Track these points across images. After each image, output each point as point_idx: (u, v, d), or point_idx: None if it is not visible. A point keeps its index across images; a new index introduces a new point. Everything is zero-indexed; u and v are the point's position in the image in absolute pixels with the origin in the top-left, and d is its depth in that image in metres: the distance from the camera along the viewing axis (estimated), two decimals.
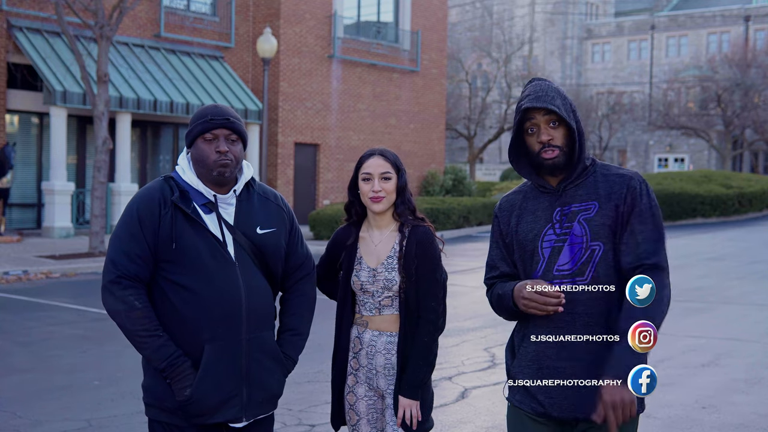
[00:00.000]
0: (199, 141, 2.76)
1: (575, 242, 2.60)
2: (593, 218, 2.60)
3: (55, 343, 8.02)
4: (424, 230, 3.04)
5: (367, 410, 3.10)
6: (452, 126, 37.04)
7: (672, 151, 46.19)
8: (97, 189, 14.66)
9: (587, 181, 2.66)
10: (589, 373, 2.55)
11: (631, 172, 2.66)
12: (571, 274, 2.59)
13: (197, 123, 2.76)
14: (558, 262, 2.61)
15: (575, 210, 2.63)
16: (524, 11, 54.08)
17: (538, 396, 2.64)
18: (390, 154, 3.07)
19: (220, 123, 2.74)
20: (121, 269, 2.66)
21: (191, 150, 2.80)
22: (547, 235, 2.64)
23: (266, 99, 18.93)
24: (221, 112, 2.76)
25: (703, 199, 23.23)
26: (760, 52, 41.52)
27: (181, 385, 2.66)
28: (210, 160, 2.73)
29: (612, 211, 2.59)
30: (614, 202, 2.60)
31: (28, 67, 17.90)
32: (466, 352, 7.48)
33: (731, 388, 6.39)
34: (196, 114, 2.81)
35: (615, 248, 2.60)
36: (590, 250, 2.59)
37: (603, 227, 2.59)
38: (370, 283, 3.03)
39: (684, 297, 10.78)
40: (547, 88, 2.64)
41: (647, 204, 2.60)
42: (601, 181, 2.65)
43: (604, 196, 2.61)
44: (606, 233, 2.59)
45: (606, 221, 2.59)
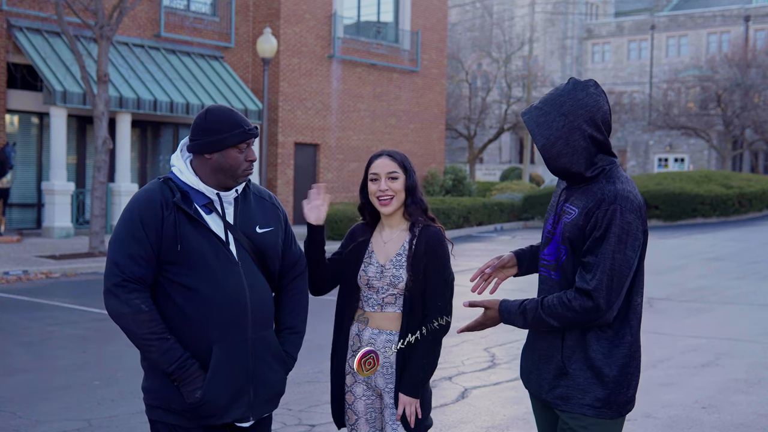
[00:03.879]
0: (232, 150, 2.74)
1: (555, 240, 2.74)
2: (568, 224, 2.67)
3: (55, 343, 8.02)
4: (434, 230, 3.06)
5: (365, 409, 3.10)
6: (452, 126, 37.04)
7: (672, 151, 46.19)
8: (97, 189, 14.66)
9: (586, 187, 2.68)
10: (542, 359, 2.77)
11: (611, 194, 2.58)
12: (548, 266, 2.78)
13: (232, 132, 2.72)
14: (544, 251, 2.80)
15: (565, 210, 2.72)
16: (524, 11, 54.04)
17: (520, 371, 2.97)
18: (398, 155, 3.10)
19: (255, 133, 2.78)
20: (126, 272, 2.64)
21: (215, 156, 2.74)
22: (548, 223, 2.81)
23: (266, 99, 18.94)
24: (248, 121, 2.79)
25: (703, 199, 23.22)
26: (760, 52, 41.53)
27: (191, 387, 2.66)
28: (241, 169, 2.76)
29: (582, 222, 2.63)
30: (586, 216, 2.63)
31: (28, 67, 17.90)
32: (466, 352, 7.49)
33: (731, 388, 6.38)
34: (221, 120, 2.73)
35: (577, 258, 2.67)
36: (560, 251, 2.70)
37: (572, 234, 2.66)
38: (377, 279, 3.05)
39: (684, 297, 10.79)
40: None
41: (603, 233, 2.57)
42: (591, 191, 2.66)
43: (583, 207, 2.64)
44: (571, 239, 2.66)
45: (574, 230, 2.65)
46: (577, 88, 2.65)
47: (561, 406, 2.69)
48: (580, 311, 2.58)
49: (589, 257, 2.59)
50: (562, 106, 2.63)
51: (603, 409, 2.65)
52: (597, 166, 2.66)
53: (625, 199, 2.58)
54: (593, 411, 2.65)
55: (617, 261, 2.55)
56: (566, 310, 2.61)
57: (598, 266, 2.56)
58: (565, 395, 2.68)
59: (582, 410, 2.65)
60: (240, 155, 2.75)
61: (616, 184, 2.62)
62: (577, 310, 2.58)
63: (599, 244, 2.57)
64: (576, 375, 2.66)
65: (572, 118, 2.61)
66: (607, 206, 2.57)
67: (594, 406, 2.65)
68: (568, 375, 2.68)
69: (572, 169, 2.65)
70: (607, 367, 2.64)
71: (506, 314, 2.77)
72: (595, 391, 2.64)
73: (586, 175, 2.66)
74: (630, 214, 2.57)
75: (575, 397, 2.66)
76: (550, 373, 2.72)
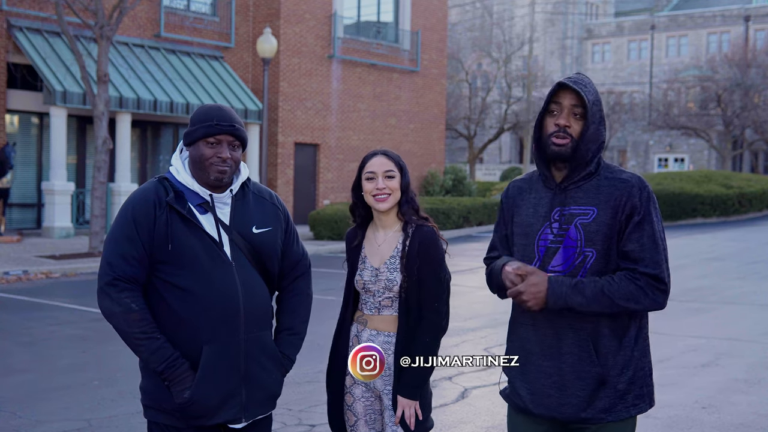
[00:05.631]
0: (200, 143, 2.73)
1: (570, 245, 2.59)
2: (590, 224, 2.57)
3: (55, 343, 8.02)
4: (427, 230, 3.04)
5: (364, 411, 3.08)
6: (452, 126, 37.05)
7: (672, 151, 46.20)
8: (97, 189, 14.67)
9: (590, 183, 2.62)
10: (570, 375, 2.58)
11: (634, 178, 2.59)
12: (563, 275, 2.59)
13: (201, 125, 2.72)
14: (552, 262, 2.61)
15: (574, 212, 2.60)
16: (524, 11, 54.04)
17: (520, 391, 2.70)
18: (392, 154, 3.10)
19: (225, 129, 2.72)
20: (117, 271, 2.64)
21: (190, 150, 2.77)
22: (544, 233, 2.64)
23: (266, 99, 18.93)
24: (226, 117, 2.73)
25: (703, 199, 23.22)
26: (760, 52, 41.52)
27: (180, 387, 2.65)
28: (210, 163, 2.71)
29: (609, 218, 2.56)
30: (612, 209, 2.56)
31: (28, 67, 17.90)
32: (466, 352, 7.48)
33: (731, 388, 6.38)
34: (198, 114, 2.76)
35: (608, 255, 2.57)
36: (583, 255, 2.57)
37: (598, 234, 2.56)
38: (372, 283, 3.04)
39: (684, 297, 10.78)
40: (590, 83, 2.64)
41: (647, 212, 2.56)
42: (603, 185, 2.60)
43: (604, 202, 2.57)
44: (600, 240, 2.56)
45: (602, 228, 2.56)
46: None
47: (606, 419, 2.57)
48: (650, 297, 2.53)
49: (636, 244, 2.53)
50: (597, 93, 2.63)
51: (642, 404, 2.61)
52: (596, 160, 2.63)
53: (646, 183, 2.62)
54: (636, 409, 2.59)
55: (664, 241, 2.59)
56: (639, 291, 2.51)
57: (658, 248, 2.55)
58: (608, 406, 2.56)
59: (628, 413, 2.58)
60: (209, 149, 2.71)
61: (624, 171, 2.64)
62: (648, 295, 2.53)
63: (640, 227, 2.54)
64: (616, 381, 2.56)
65: (600, 107, 2.63)
66: (639, 190, 2.56)
67: (635, 405, 2.59)
68: (607, 384, 2.56)
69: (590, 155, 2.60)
70: (639, 361, 2.59)
71: (556, 285, 2.51)
72: (634, 390, 2.58)
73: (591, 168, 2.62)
74: (654, 196, 2.62)
75: (618, 404, 2.57)
76: (586, 389, 2.56)
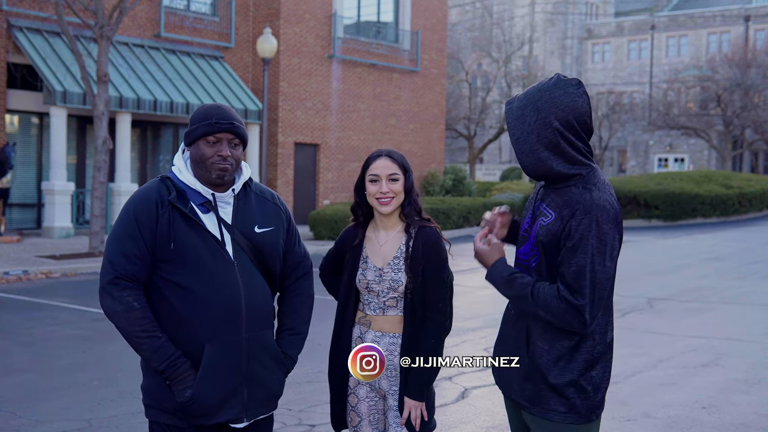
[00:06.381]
0: (201, 142, 2.74)
1: (530, 241, 2.66)
2: (543, 227, 2.58)
3: (55, 343, 8.02)
4: (430, 231, 3.03)
5: (368, 411, 3.08)
6: (452, 126, 37.04)
7: (672, 151, 46.19)
8: (97, 189, 14.66)
9: (567, 189, 2.57)
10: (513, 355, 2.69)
11: (589, 200, 2.49)
12: (522, 264, 2.70)
13: (201, 124, 2.73)
14: (520, 249, 2.72)
15: (542, 211, 2.63)
16: (524, 11, 54.07)
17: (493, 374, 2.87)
18: (397, 155, 3.07)
19: (225, 127, 2.72)
20: (119, 270, 2.65)
21: (191, 149, 2.78)
22: (525, 221, 2.73)
23: (266, 99, 18.93)
24: (226, 116, 2.74)
25: (703, 199, 23.22)
26: (760, 52, 41.52)
27: (181, 386, 2.65)
28: (210, 162, 2.72)
29: (557, 229, 2.53)
30: (562, 222, 2.52)
31: (28, 67, 17.90)
32: (466, 352, 7.48)
33: (731, 388, 6.38)
34: (198, 113, 2.77)
35: (551, 261, 2.57)
36: (534, 253, 2.63)
37: (546, 238, 2.56)
38: (376, 283, 3.02)
39: (684, 297, 10.78)
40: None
41: (582, 240, 2.46)
42: (570, 195, 2.55)
43: (559, 212, 2.55)
44: (544, 245, 2.57)
45: (548, 236, 2.56)
46: (558, 85, 2.54)
47: (531, 410, 2.62)
48: (567, 320, 2.49)
49: (566, 268, 2.48)
50: (538, 101, 2.54)
51: (571, 415, 2.57)
52: (573, 167, 2.56)
53: (601, 208, 2.48)
54: (559, 417, 2.57)
55: (598, 273, 2.46)
56: (558, 311, 2.48)
57: (584, 280, 2.45)
58: (534, 398, 2.61)
59: (550, 417, 2.58)
60: (209, 148, 2.72)
61: (592, 192, 2.52)
62: (566, 318, 2.48)
63: (573, 254, 2.47)
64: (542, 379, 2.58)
65: (545, 114, 2.52)
66: (581, 216, 2.47)
67: (559, 411, 2.57)
68: (533, 379, 2.60)
69: (542, 168, 2.57)
70: (576, 371, 2.55)
71: (495, 269, 2.65)
72: (564, 397, 2.56)
73: (560, 172, 2.56)
74: (606, 224, 2.48)
75: (544, 403, 2.59)
76: (518, 377, 2.66)
